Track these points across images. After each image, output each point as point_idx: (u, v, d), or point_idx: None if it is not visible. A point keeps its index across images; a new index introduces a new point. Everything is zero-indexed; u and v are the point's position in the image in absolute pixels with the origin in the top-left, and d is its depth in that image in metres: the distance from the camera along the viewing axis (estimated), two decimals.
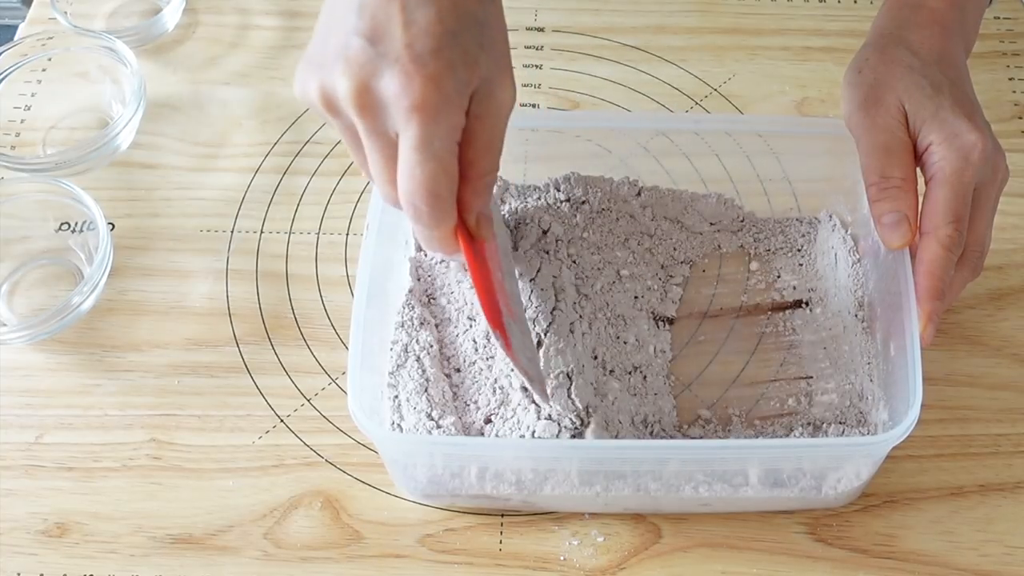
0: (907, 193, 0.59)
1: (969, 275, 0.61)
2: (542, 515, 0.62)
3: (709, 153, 0.70)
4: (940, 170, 0.58)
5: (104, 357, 0.69)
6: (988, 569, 0.60)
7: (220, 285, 0.72)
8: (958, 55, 0.63)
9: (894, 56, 0.61)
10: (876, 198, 0.59)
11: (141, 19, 0.88)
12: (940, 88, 0.60)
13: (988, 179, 0.59)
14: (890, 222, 0.59)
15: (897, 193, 0.59)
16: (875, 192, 0.59)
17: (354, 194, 0.77)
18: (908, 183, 0.59)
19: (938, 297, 0.58)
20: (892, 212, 0.58)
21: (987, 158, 0.58)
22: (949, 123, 0.59)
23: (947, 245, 0.58)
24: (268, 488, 0.63)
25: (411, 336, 0.63)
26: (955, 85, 0.61)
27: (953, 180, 0.58)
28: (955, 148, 0.58)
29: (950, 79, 0.61)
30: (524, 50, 0.86)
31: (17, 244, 0.74)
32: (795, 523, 0.62)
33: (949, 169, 0.58)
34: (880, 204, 0.59)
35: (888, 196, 0.59)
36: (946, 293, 0.59)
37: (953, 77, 0.61)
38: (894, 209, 0.58)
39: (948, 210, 0.58)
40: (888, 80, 0.61)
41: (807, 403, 0.65)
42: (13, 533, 0.62)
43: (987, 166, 0.59)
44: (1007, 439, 0.65)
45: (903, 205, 0.58)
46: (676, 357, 0.68)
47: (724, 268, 0.72)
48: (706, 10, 0.89)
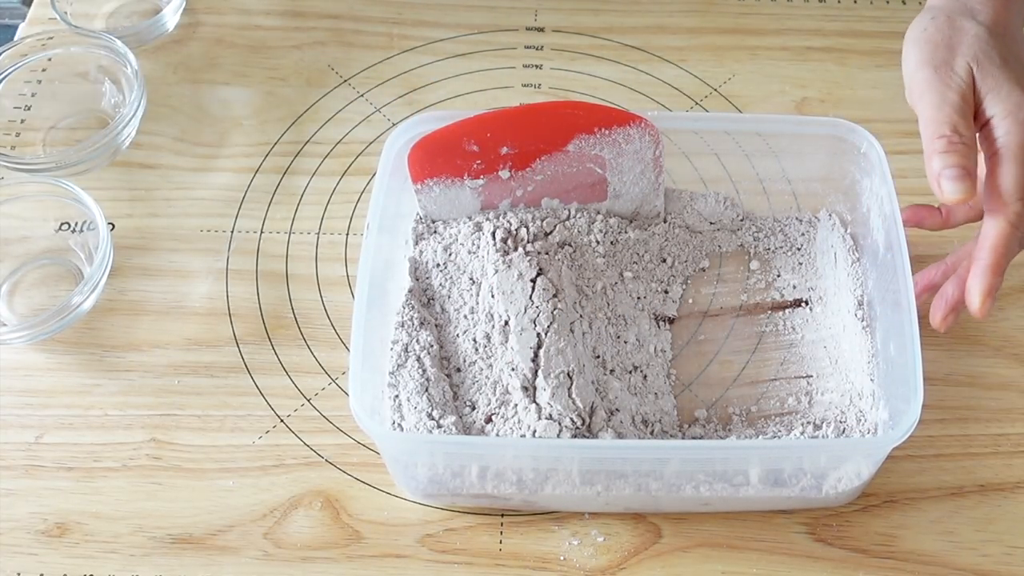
0: (974, 152, 0.58)
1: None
2: (542, 515, 0.62)
3: (709, 153, 0.70)
4: (1005, 145, 0.57)
5: (104, 357, 0.69)
6: (988, 569, 0.60)
7: (220, 285, 0.72)
8: (1019, 28, 0.63)
9: (961, 24, 0.61)
10: (944, 150, 0.57)
11: (141, 19, 0.88)
12: (1006, 60, 0.59)
13: None
14: (954, 176, 0.57)
15: (966, 151, 0.57)
16: (944, 144, 0.57)
17: (354, 194, 0.77)
18: (975, 145, 0.58)
19: (1000, 273, 0.57)
20: (957, 166, 0.57)
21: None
22: (1015, 96, 0.58)
23: (1015, 223, 0.57)
24: (268, 488, 0.63)
25: (411, 336, 0.63)
26: (1017, 59, 0.61)
27: (1019, 154, 0.57)
28: (1020, 121, 0.57)
29: (1014, 53, 0.61)
30: (524, 50, 0.86)
31: (17, 244, 0.74)
32: (795, 523, 0.62)
33: (1015, 144, 0.57)
34: (947, 156, 0.57)
35: (957, 151, 0.57)
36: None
37: (1016, 51, 0.61)
38: (960, 164, 0.57)
39: (1017, 186, 0.57)
40: (957, 44, 0.60)
41: (807, 402, 0.65)
42: (13, 533, 0.62)
43: None
44: (1007, 439, 0.65)
45: (969, 163, 0.57)
46: (676, 357, 0.68)
47: (724, 267, 0.72)
48: (706, 10, 0.89)
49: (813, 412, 0.64)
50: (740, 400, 0.66)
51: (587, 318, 0.65)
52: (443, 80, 0.84)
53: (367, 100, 0.83)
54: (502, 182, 0.68)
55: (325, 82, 0.84)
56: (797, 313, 0.69)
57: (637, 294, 0.69)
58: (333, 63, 0.85)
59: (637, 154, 0.67)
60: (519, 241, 0.67)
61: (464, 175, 0.67)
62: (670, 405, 0.65)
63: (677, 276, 0.71)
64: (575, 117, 0.66)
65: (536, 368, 0.61)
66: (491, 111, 0.67)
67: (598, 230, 0.69)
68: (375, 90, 0.83)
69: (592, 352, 0.64)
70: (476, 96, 0.83)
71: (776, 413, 0.65)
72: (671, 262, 0.71)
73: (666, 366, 0.67)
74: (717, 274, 0.72)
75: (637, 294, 0.69)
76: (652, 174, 0.69)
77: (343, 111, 0.82)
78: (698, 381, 0.67)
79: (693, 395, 0.66)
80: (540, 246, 0.67)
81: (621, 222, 0.70)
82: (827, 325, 0.68)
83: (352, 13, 0.89)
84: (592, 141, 0.66)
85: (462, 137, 0.66)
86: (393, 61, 0.85)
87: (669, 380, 0.66)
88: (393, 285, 0.66)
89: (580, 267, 0.67)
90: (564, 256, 0.67)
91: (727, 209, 0.72)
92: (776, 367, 0.67)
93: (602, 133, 0.66)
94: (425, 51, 0.86)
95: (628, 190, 0.69)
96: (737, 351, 0.68)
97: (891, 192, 0.62)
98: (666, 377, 0.66)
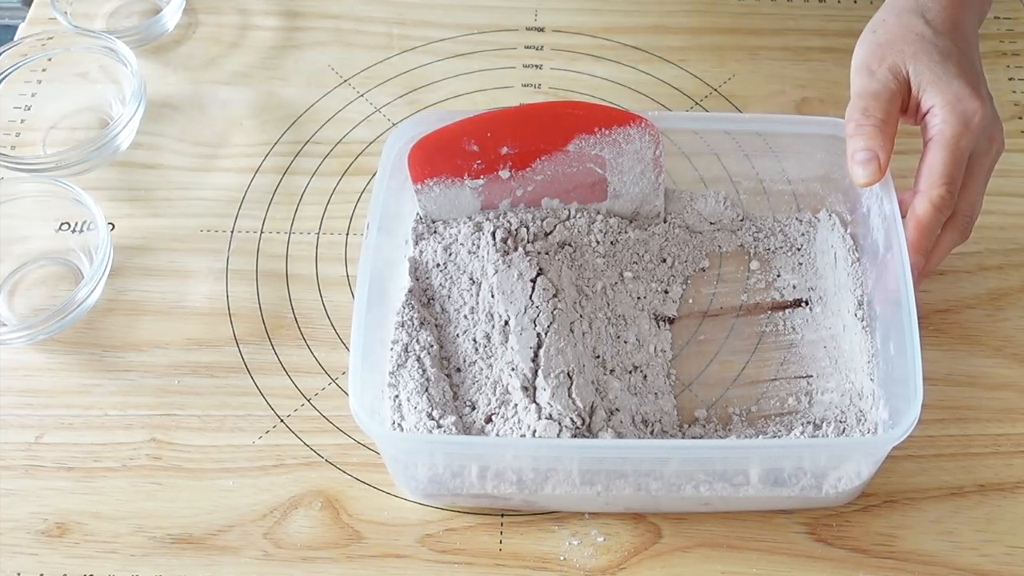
0: (882, 134, 0.61)
1: (958, 238, 0.63)
2: (542, 515, 0.62)
3: (709, 153, 0.70)
4: (939, 132, 0.60)
5: (104, 357, 0.69)
6: (988, 569, 0.60)
7: (220, 285, 0.72)
8: (971, 26, 0.66)
9: (908, 22, 0.64)
10: (852, 134, 0.61)
11: (141, 19, 0.88)
12: (948, 56, 0.62)
13: (984, 148, 0.62)
14: (862, 159, 0.61)
15: (872, 132, 0.61)
16: (852, 128, 0.61)
17: (354, 194, 0.77)
18: (886, 126, 0.61)
19: (922, 252, 0.60)
20: (865, 150, 0.60)
21: (985, 126, 0.61)
22: (952, 88, 0.61)
23: (938, 205, 0.60)
24: (268, 488, 0.63)
25: (411, 336, 0.63)
26: (963, 55, 0.63)
27: (951, 143, 0.60)
28: (956, 113, 0.60)
29: (960, 49, 0.63)
30: (524, 50, 0.86)
31: (17, 244, 0.74)
32: (795, 523, 0.62)
33: (948, 132, 0.60)
34: (855, 140, 0.61)
35: (863, 133, 0.61)
36: (933, 252, 0.61)
37: (963, 47, 0.64)
38: (867, 147, 0.60)
39: (943, 172, 0.60)
40: (897, 42, 0.63)
41: (807, 402, 0.65)
42: (13, 533, 0.62)
43: (984, 134, 0.61)
44: (1007, 439, 0.65)
45: (876, 144, 0.60)
46: (676, 357, 0.68)
47: (724, 267, 0.72)
48: (706, 10, 0.89)
49: (813, 412, 0.64)
50: (740, 400, 0.66)
51: (587, 318, 0.65)
52: (443, 80, 0.84)
53: (367, 100, 0.83)
54: (502, 182, 0.68)
55: (325, 82, 0.84)
56: (797, 313, 0.69)
57: (637, 294, 0.69)
58: (333, 63, 0.85)
59: (637, 154, 0.67)
60: (519, 241, 0.67)
61: (464, 175, 0.67)
62: (670, 405, 0.65)
63: (677, 276, 0.71)
64: (575, 117, 0.66)
65: (536, 368, 0.61)
66: (491, 111, 0.67)
67: (598, 230, 0.69)
68: (375, 90, 0.83)
69: (592, 352, 0.64)
70: (476, 96, 0.83)
71: (776, 413, 0.65)
72: (671, 262, 0.71)
73: (666, 366, 0.67)
74: (717, 274, 0.72)
75: (637, 294, 0.69)
76: (652, 174, 0.69)
77: (343, 111, 0.82)
78: (698, 381, 0.67)
79: (693, 395, 0.66)
80: (540, 246, 0.67)
81: (621, 222, 0.70)
82: (827, 325, 0.68)
83: (352, 13, 0.89)
84: (592, 141, 0.66)
85: (462, 137, 0.66)
86: (393, 61, 0.85)
87: (669, 380, 0.66)
88: (393, 285, 0.66)
89: (580, 267, 0.68)
90: (564, 256, 0.67)
91: (727, 209, 0.72)
92: (776, 367, 0.67)
93: (602, 133, 0.66)
94: (425, 51, 0.86)
95: (628, 190, 0.69)
96: (737, 351, 0.68)
97: (891, 192, 0.62)
98: (666, 377, 0.66)
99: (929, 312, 0.70)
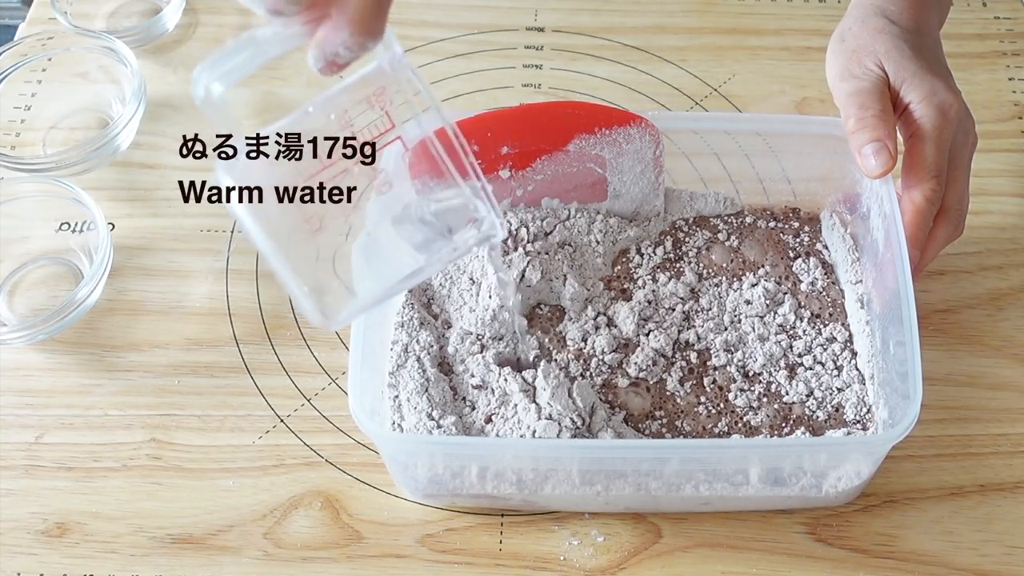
0: (885, 123, 0.61)
1: (952, 232, 0.63)
2: (542, 515, 0.62)
3: (709, 153, 0.70)
4: (921, 126, 0.61)
5: (104, 357, 0.69)
6: (988, 569, 0.60)
7: (220, 285, 0.72)
8: (933, 26, 0.67)
9: (874, 24, 0.65)
10: (855, 129, 0.61)
11: (141, 19, 0.88)
12: (919, 51, 0.63)
13: (961, 140, 0.62)
14: (872, 151, 0.60)
15: (875, 122, 0.61)
16: (853, 123, 0.62)
17: None
18: (886, 115, 0.61)
19: (917, 246, 0.61)
20: (873, 141, 0.60)
21: (961, 119, 0.62)
22: (928, 82, 0.62)
23: (930, 197, 0.60)
24: (268, 488, 0.63)
25: (411, 336, 0.63)
26: (931, 51, 0.64)
27: (934, 135, 0.61)
28: (934, 105, 0.61)
29: (927, 45, 0.64)
30: (524, 50, 0.86)
31: (17, 244, 0.74)
32: (795, 523, 0.62)
33: (930, 125, 0.61)
34: (860, 134, 0.61)
35: (867, 126, 0.61)
36: (927, 247, 0.62)
37: (929, 44, 0.65)
38: (874, 138, 0.60)
39: (931, 164, 0.60)
40: (868, 45, 0.64)
41: None
42: (13, 533, 0.62)
43: (961, 127, 0.62)
44: (1007, 439, 0.65)
45: (882, 134, 0.61)
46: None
47: (723, 266, 0.72)
48: (706, 10, 0.89)
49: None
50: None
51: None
52: (443, 80, 0.84)
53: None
54: (502, 182, 0.68)
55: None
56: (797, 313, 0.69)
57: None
58: None
59: (637, 154, 0.67)
60: (519, 241, 0.67)
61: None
62: (670, 404, 0.65)
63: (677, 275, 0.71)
64: (575, 117, 0.66)
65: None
66: (491, 111, 0.67)
67: (598, 230, 0.69)
68: None
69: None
70: (476, 96, 0.83)
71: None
72: (671, 261, 0.71)
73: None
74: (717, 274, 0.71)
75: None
76: (652, 174, 0.69)
77: None
78: None
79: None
80: (540, 246, 0.67)
81: (621, 222, 0.70)
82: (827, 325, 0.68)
83: None
84: (592, 141, 0.66)
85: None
86: None
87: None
88: None
89: (580, 267, 0.67)
90: (564, 256, 0.67)
91: (727, 209, 0.72)
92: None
93: (602, 133, 0.66)
94: (425, 51, 0.86)
95: (628, 190, 0.69)
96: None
97: (891, 192, 0.62)
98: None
99: (929, 312, 0.70)
